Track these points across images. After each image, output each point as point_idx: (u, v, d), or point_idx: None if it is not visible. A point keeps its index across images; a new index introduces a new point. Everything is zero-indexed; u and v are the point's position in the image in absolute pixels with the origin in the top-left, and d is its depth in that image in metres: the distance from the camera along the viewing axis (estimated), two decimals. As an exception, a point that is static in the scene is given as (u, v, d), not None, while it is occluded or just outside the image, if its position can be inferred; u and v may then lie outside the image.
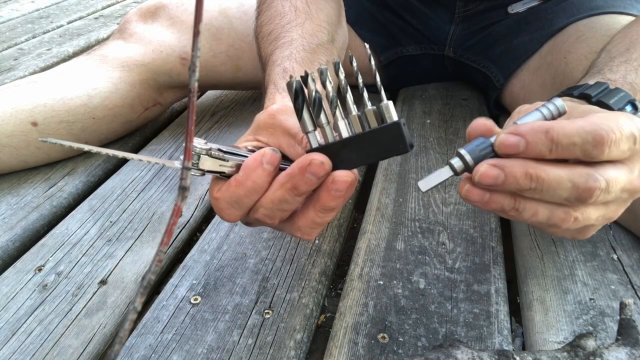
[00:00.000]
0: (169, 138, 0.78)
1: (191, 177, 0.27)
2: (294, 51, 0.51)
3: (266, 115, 0.39)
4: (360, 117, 0.32)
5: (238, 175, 0.34)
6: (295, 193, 0.34)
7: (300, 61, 0.50)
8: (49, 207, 0.63)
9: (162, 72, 0.74)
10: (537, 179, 0.29)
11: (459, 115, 0.81)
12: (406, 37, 0.84)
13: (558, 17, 0.72)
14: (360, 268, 0.51)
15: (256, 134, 0.39)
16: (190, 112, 0.22)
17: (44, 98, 0.67)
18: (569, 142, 0.29)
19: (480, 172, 0.30)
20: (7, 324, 0.46)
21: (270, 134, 0.38)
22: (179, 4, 0.78)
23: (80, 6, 1.55)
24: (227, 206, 0.35)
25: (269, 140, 0.38)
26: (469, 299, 0.47)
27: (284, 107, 0.39)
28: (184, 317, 0.46)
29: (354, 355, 0.42)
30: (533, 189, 0.30)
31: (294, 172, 0.33)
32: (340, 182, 0.33)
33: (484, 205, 0.32)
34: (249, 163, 0.34)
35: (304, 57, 0.51)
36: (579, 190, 0.29)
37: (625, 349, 0.35)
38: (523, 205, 0.32)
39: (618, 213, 0.33)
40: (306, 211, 0.35)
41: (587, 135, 0.29)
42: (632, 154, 0.30)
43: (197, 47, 0.21)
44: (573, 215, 0.31)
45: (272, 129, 0.38)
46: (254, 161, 0.34)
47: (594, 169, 0.30)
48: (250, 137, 0.39)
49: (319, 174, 0.33)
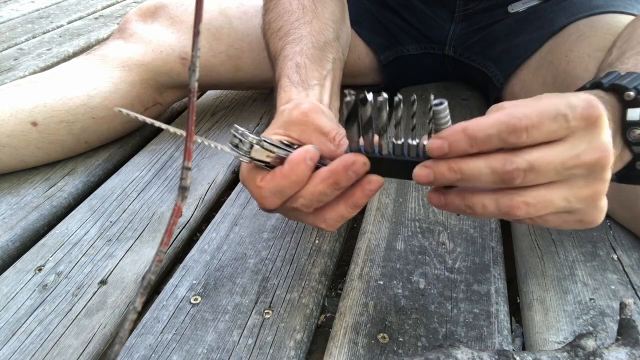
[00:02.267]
0: (169, 138, 0.78)
1: (191, 177, 0.27)
2: (305, 47, 0.54)
3: (299, 113, 0.42)
4: (402, 145, 0.37)
5: (284, 168, 0.38)
6: (335, 187, 0.37)
7: (311, 57, 0.54)
8: (49, 207, 0.63)
9: (162, 72, 0.74)
10: (460, 171, 0.33)
11: (459, 115, 0.81)
12: (406, 36, 0.84)
13: (558, 16, 0.72)
14: (360, 268, 0.51)
15: (287, 129, 0.42)
16: (190, 112, 0.22)
17: (44, 98, 0.67)
18: (485, 135, 0.32)
19: (415, 174, 0.35)
20: (7, 324, 0.46)
21: (302, 130, 0.41)
22: (179, 4, 0.78)
23: (80, 6, 1.55)
24: (270, 195, 0.39)
25: (300, 137, 0.41)
26: (469, 299, 0.47)
27: (314, 106, 0.42)
28: (184, 317, 0.46)
29: (354, 355, 0.42)
30: (460, 180, 0.33)
31: (337, 169, 0.37)
32: (375, 182, 0.38)
33: (443, 207, 0.36)
34: (294, 157, 0.37)
35: (314, 54, 0.54)
36: (498, 174, 0.32)
37: (625, 349, 0.35)
38: (470, 201, 0.35)
39: (596, 190, 0.34)
40: (336, 205, 0.39)
41: (501, 125, 0.31)
42: (569, 132, 0.32)
43: (197, 47, 0.21)
44: (519, 201, 0.33)
45: (304, 126, 0.41)
46: (298, 156, 0.37)
47: (513, 153, 0.32)
48: (281, 131, 0.42)
49: (360, 173, 0.37)
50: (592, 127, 0.32)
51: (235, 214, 0.60)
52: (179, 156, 0.74)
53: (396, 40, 0.84)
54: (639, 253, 0.52)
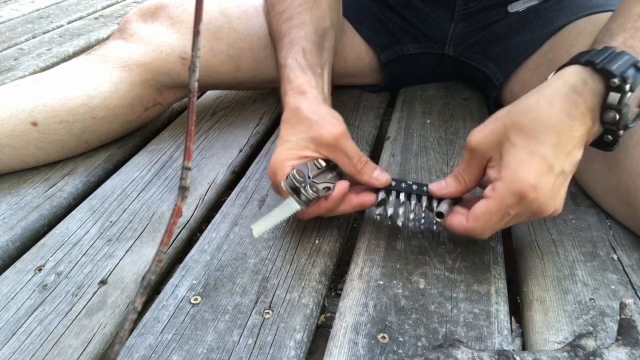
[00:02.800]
0: (169, 138, 0.78)
1: (191, 177, 0.27)
2: (308, 33, 0.61)
3: (331, 137, 0.51)
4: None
5: (327, 203, 0.50)
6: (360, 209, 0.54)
7: (314, 43, 0.60)
8: (49, 207, 0.63)
9: (162, 72, 0.74)
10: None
11: (459, 115, 0.81)
12: (406, 35, 0.84)
13: (558, 16, 0.72)
14: (360, 268, 0.51)
15: (319, 147, 0.51)
16: (190, 112, 0.22)
17: (44, 98, 0.67)
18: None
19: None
20: (7, 324, 0.46)
21: (331, 152, 0.51)
22: (179, 4, 0.78)
23: (80, 6, 1.55)
24: (310, 215, 0.53)
25: (329, 156, 0.52)
26: (469, 299, 0.47)
27: (344, 131, 0.51)
28: (184, 317, 0.46)
29: (354, 355, 0.42)
30: None
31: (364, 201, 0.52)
32: None
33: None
34: (336, 197, 0.50)
35: (316, 41, 0.61)
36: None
37: (625, 349, 0.35)
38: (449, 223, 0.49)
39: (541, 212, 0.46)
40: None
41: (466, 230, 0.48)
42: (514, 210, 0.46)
43: (197, 47, 0.21)
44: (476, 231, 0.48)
45: (334, 148, 0.51)
46: (339, 195, 0.50)
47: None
48: (312, 145, 0.51)
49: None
50: (529, 204, 0.43)
51: (235, 214, 0.60)
52: (179, 156, 0.74)
53: (396, 40, 0.84)
54: (639, 253, 0.51)
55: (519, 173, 0.43)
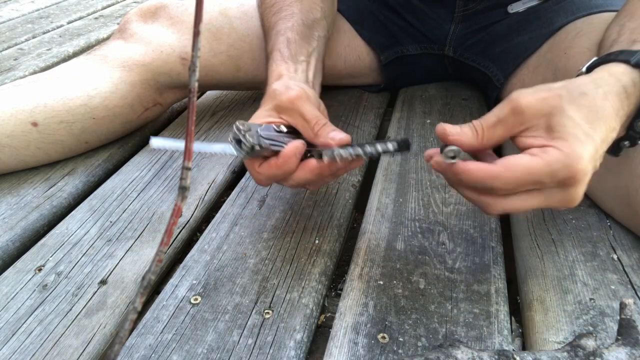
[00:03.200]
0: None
1: (191, 177, 0.27)
2: (295, 24, 0.62)
3: (287, 99, 0.49)
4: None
5: (278, 160, 0.47)
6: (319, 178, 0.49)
7: (300, 34, 0.61)
8: (49, 207, 0.63)
9: (162, 72, 0.74)
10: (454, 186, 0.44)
11: (459, 115, 0.81)
12: (406, 36, 0.84)
13: (558, 16, 0.72)
14: (360, 268, 0.51)
15: (279, 112, 0.50)
16: (190, 112, 0.22)
17: (44, 98, 0.67)
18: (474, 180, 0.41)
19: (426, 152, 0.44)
20: (7, 324, 0.46)
21: (290, 115, 0.50)
22: (179, 4, 0.78)
23: (80, 6, 1.55)
24: (265, 179, 0.49)
25: (288, 120, 0.50)
26: (469, 299, 0.47)
27: (301, 93, 0.50)
28: (184, 317, 0.46)
29: (354, 355, 0.42)
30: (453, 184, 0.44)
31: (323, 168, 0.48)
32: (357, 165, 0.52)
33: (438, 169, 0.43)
34: (286, 153, 0.47)
35: (303, 31, 0.62)
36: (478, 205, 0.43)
37: (625, 349, 0.35)
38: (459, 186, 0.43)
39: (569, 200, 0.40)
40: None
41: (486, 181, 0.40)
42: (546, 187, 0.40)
43: (197, 47, 0.21)
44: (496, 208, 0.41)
45: (292, 111, 0.50)
46: (289, 152, 0.47)
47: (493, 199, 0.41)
48: (274, 114, 0.50)
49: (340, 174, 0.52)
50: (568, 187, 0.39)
51: (235, 214, 0.60)
52: (179, 156, 0.74)
53: (396, 41, 0.84)
54: (639, 253, 0.52)
55: (577, 150, 0.38)
